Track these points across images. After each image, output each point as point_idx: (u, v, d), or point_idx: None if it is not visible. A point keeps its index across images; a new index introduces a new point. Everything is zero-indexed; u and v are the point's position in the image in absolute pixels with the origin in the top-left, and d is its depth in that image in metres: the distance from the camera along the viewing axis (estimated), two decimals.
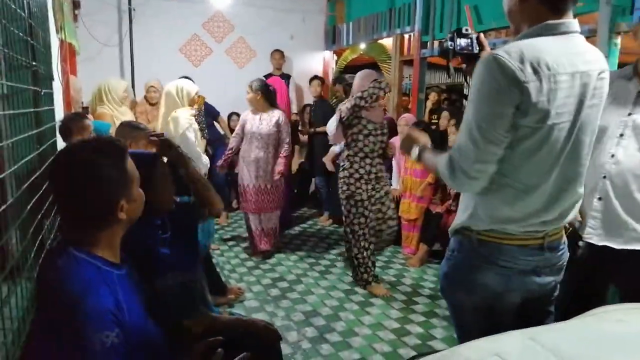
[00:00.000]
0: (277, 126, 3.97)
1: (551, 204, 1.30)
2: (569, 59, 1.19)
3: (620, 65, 2.94)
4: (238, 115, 4.95)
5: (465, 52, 1.51)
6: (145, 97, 4.77)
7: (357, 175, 3.29)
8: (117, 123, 3.18)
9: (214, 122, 5.10)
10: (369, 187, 3.31)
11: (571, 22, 1.24)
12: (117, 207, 1.11)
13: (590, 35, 3.00)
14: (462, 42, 1.51)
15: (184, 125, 3.25)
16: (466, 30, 1.53)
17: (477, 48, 1.51)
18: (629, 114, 1.68)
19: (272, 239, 4.11)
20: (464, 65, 1.57)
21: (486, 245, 1.33)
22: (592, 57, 1.26)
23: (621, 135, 1.69)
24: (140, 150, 2.01)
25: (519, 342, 1.16)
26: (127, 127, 2.64)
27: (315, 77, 5.48)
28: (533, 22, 1.23)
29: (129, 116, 3.86)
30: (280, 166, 3.99)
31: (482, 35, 1.54)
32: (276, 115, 4.00)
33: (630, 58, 3.81)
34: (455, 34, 1.51)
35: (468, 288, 1.38)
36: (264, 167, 3.97)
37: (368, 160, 3.30)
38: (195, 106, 3.57)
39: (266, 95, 3.98)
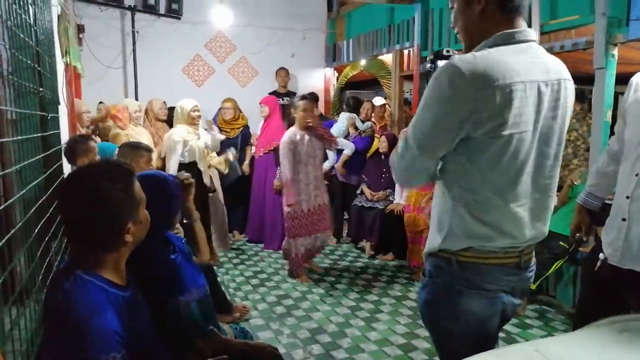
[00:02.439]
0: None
1: (522, 217, 1.25)
2: (526, 68, 1.16)
3: (619, 76, 2.98)
4: None
5: None
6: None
7: None
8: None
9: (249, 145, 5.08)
10: None
11: (526, 30, 1.22)
12: (125, 230, 1.13)
13: (587, 47, 3.04)
14: (443, 63, 1.53)
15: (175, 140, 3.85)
16: (447, 51, 1.51)
17: None
18: None
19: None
20: None
21: (467, 268, 1.27)
22: (551, 67, 1.22)
23: None
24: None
25: (525, 354, 1.16)
26: (127, 148, 2.69)
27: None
28: (490, 34, 1.20)
29: (145, 136, 3.93)
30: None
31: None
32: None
33: (629, 68, 3.84)
34: (435, 56, 1.50)
35: (453, 315, 1.30)
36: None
37: None
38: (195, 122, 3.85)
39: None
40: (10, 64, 1.13)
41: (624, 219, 1.63)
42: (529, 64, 1.17)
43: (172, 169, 3.78)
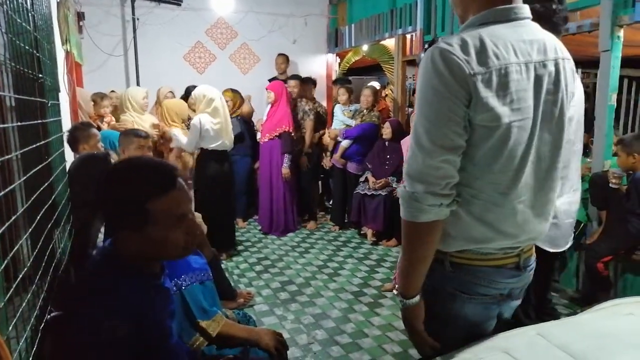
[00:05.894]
0: None
1: (523, 215, 1.14)
2: (521, 47, 1.06)
3: (625, 58, 2.94)
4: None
5: None
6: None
7: None
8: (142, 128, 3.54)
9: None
10: None
11: (521, 7, 1.11)
12: (168, 240, 1.12)
13: (592, 29, 3.00)
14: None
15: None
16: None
17: None
18: None
19: None
20: None
21: (461, 269, 1.17)
22: (549, 45, 1.11)
23: None
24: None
25: (528, 338, 1.16)
26: (122, 135, 2.80)
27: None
28: (481, 9, 1.09)
29: (148, 122, 3.96)
30: None
31: None
32: None
33: (635, 50, 3.78)
34: (430, 45, 1.46)
35: (444, 320, 1.21)
36: None
37: None
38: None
39: None
40: (7, 50, 1.12)
41: None
42: (524, 44, 1.07)
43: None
